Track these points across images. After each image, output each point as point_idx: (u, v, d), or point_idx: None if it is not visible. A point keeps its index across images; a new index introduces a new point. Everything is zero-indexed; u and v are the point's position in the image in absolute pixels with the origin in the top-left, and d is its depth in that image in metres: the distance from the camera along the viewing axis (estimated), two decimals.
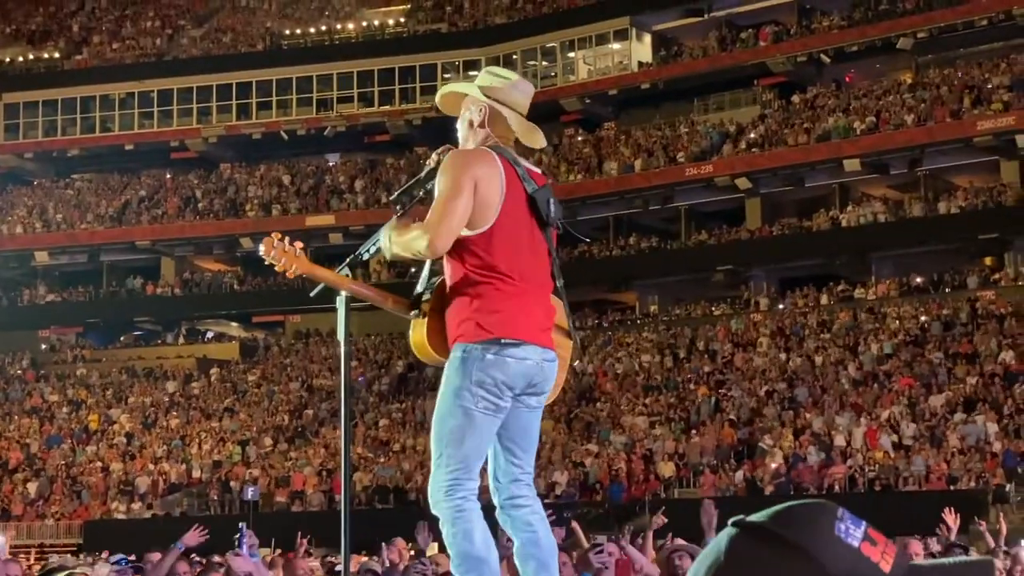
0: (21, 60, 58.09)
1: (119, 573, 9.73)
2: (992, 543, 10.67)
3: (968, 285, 39.12)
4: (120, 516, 38.23)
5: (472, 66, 50.95)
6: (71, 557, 22.68)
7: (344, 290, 4.67)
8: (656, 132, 47.65)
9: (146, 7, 61.17)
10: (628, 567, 8.08)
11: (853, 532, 1.44)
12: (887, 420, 31.35)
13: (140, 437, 43.23)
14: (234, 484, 37.92)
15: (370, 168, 52.32)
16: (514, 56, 49.96)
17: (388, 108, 51.98)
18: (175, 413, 44.63)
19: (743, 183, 43.69)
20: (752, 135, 44.50)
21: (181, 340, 52.78)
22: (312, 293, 4.78)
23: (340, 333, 4.68)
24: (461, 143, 4.80)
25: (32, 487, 40.71)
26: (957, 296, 38.37)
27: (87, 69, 56.50)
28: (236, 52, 55.65)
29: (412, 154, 51.38)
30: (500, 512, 4.68)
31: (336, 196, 51.08)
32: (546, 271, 4.66)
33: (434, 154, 4.71)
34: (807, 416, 32.86)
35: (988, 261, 41.23)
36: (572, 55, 50.54)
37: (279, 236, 4.54)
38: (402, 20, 55.35)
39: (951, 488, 27.80)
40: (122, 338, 53.46)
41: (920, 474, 28.93)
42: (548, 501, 29.19)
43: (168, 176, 55.36)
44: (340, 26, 55.78)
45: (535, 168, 4.74)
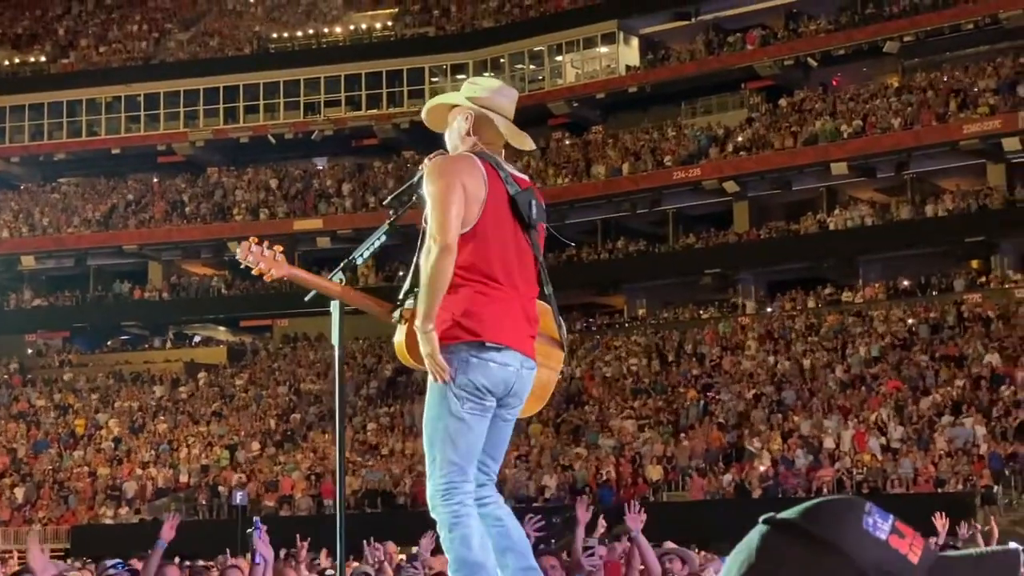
0: (7, 64, 57.96)
1: None
2: (983, 545, 10.70)
3: (955, 288, 39.23)
4: (108, 521, 38.14)
5: (460, 70, 50.98)
6: (60, 563, 22.57)
7: (323, 293, 4.66)
8: (644, 135, 47.71)
9: (133, 11, 61.09)
10: (618, 569, 8.09)
11: (881, 526, 1.48)
12: (875, 423, 31.42)
13: (128, 442, 43.14)
14: (222, 489, 37.89)
15: (358, 172, 52.30)
16: (501, 60, 50.00)
17: (376, 112, 51.95)
18: (163, 418, 44.55)
19: (731, 186, 43.76)
20: (739, 138, 44.58)
21: (168, 344, 52.71)
22: (307, 298, 4.78)
23: (335, 338, 4.68)
24: (451, 152, 4.80)
25: (19, 492, 40.61)
26: (944, 299, 38.47)
27: (74, 73, 56.40)
28: (223, 56, 55.60)
29: (400, 158, 51.41)
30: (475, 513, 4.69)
31: (324, 200, 51.06)
32: (532, 275, 4.65)
33: (427, 159, 4.71)
34: (795, 419, 32.93)
35: (975, 264, 41.35)
36: (560, 59, 50.58)
37: (256, 240, 4.53)
38: (389, 24, 55.35)
39: (939, 491, 27.86)
40: (109, 342, 53.37)
41: (908, 477, 28.98)
42: (537, 505, 29.27)
43: (155, 180, 55.30)
44: (327, 30, 55.77)
45: (520, 173, 4.74)
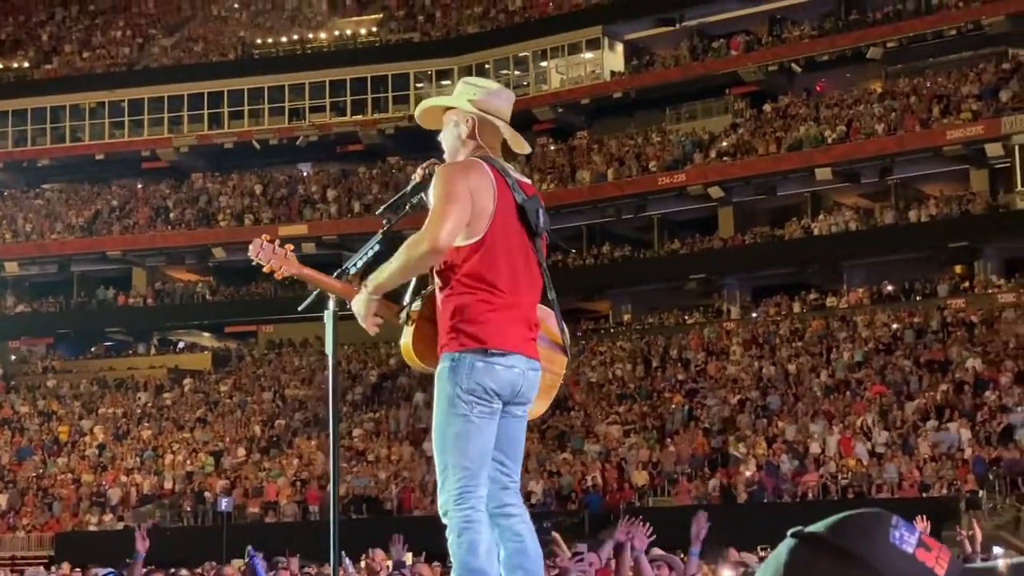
0: None
1: None
2: (969, 549, 10.74)
3: (939, 293, 39.34)
4: (92, 528, 38.02)
5: (445, 76, 50.96)
6: (43, 570, 22.52)
7: (332, 293, 4.65)
8: (629, 141, 47.76)
9: (116, 16, 60.96)
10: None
11: (908, 539, 1.49)
12: (860, 428, 31.48)
13: (112, 448, 43.01)
14: (208, 495, 37.80)
15: (343, 178, 52.24)
16: (486, 66, 49.99)
17: (361, 118, 51.92)
18: (147, 424, 44.43)
19: (715, 192, 43.83)
20: (724, 144, 44.66)
21: (153, 351, 52.57)
22: (300, 308, 4.76)
23: (328, 346, 4.67)
24: (450, 156, 4.78)
25: (3, 499, 40.44)
26: (928, 304, 38.56)
27: (57, 79, 56.26)
28: (208, 61, 55.53)
29: (385, 164, 51.39)
30: (488, 520, 4.69)
31: (309, 206, 50.98)
32: (537, 281, 4.67)
33: (419, 168, 4.71)
34: (780, 424, 32.98)
35: (958, 269, 41.48)
36: (544, 64, 50.62)
37: (268, 238, 4.53)
38: (374, 30, 55.33)
39: (923, 495, 27.94)
40: (93, 349, 53.20)
41: (893, 481, 29.05)
42: None
43: (139, 186, 55.16)
44: (312, 35, 55.73)
45: (524, 178, 4.76)
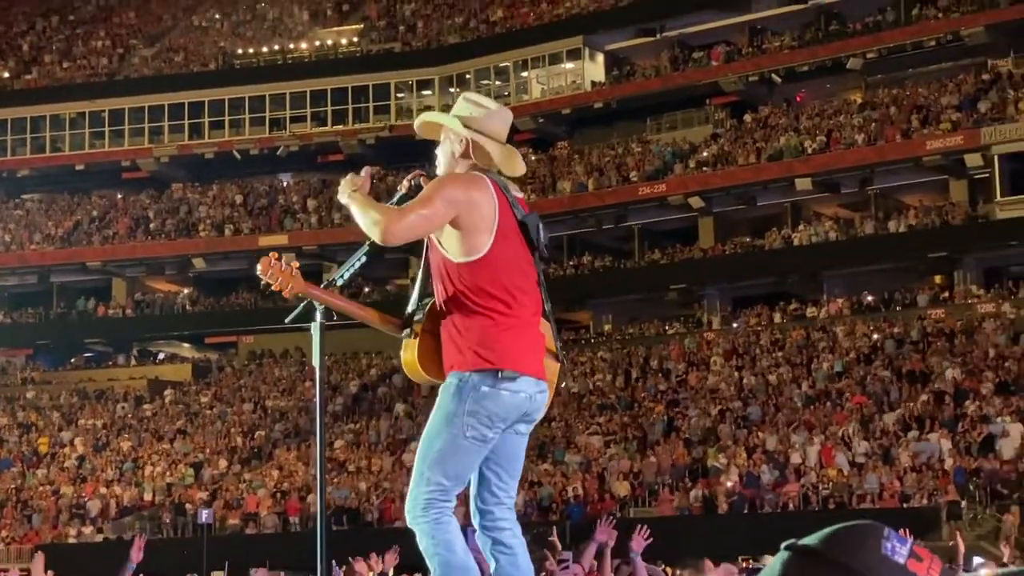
0: None
1: None
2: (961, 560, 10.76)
3: (918, 303, 39.48)
4: (72, 540, 37.85)
5: (426, 85, 51.01)
6: None
7: (336, 309, 4.64)
8: (609, 151, 47.85)
9: (97, 26, 60.86)
10: None
11: (899, 550, 1.50)
12: (840, 438, 31.53)
13: (91, 460, 42.83)
14: (188, 507, 37.66)
15: (323, 188, 52.16)
16: (467, 76, 50.04)
17: (341, 128, 51.92)
18: (127, 435, 44.26)
19: (696, 202, 43.93)
20: (704, 154, 44.78)
21: (133, 362, 52.41)
22: (287, 320, 4.75)
23: (315, 358, 4.66)
24: (444, 171, 4.79)
25: None
26: (908, 314, 38.65)
27: (37, 89, 56.15)
28: (188, 71, 55.46)
29: None
30: (480, 534, 4.69)
31: (289, 216, 50.93)
32: (537, 297, 4.68)
33: (405, 180, 4.72)
34: (760, 435, 33.02)
35: (938, 279, 41.63)
36: (525, 74, 50.70)
37: (276, 256, 4.52)
38: (355, 40, 55.34)
39: (904, 506, 28.00)
40: (73, 360, 53.04)
41: (873, 492, 29.11)
42: None
43: (119, 196, 55.02)
44: (293, 45, 55.71)
45: (519, 194, 4.78)
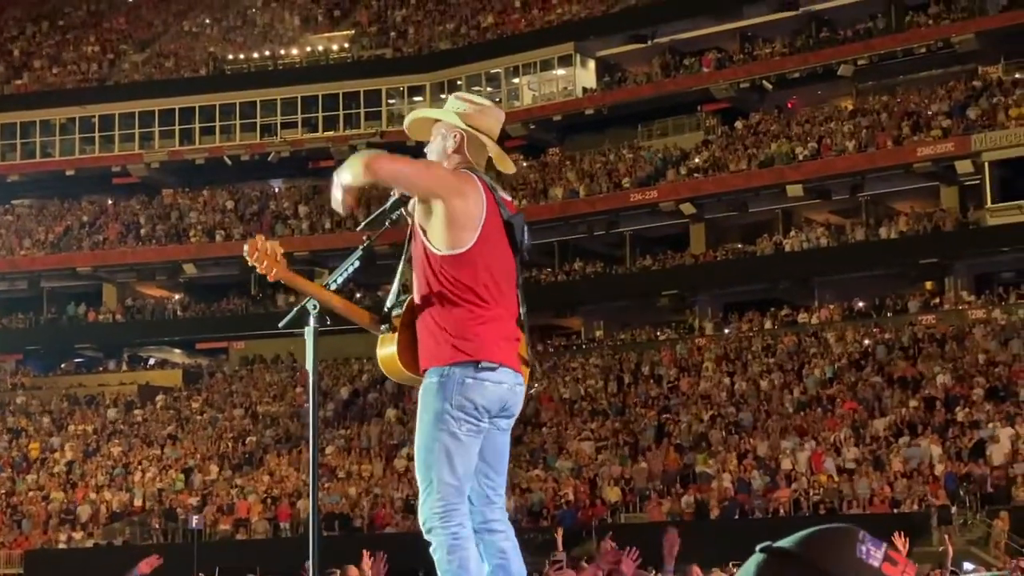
0: None
1: None
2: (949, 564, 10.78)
3: (909, 309, 39.54)
4: (62, 545, 37.78)
5: (417, 92, 51.00)
6: None
7: (317, 300, 4.63)
8: (600, 158, 47.90)
9: (87, 32, 60.80)
10: None
11: (874, 554, 1.51)
12: (831, 444, 31.57)
13: (82, 465, 42.74)
14: (178, 512, 37.59)
15: (314, 194, 52.14)
16: (458, 82, 50.03)
17: (332, 133, 51.89)
18: (117, 441, 44.18)
19: (687, 208, 43.97)
20: (696, 160, 44.83)
21: (123, 367, 52.30)
22: (281, 324, 4.75)
23: (309, 363, 4.65)
24: None
25: None
26: (899, 320, 38.74)
27: (27, 94, 56.05)
28: (179, 77, 55.41)
29: None
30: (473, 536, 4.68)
31: (280, 222, 50.89)
32: (514, 297, 4.68)
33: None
34: (751, 440, 33.04)
35: (929, 286, 41.67)
36: (516, 81, 50.74)
37: (263, 238, 4.53)
38: (346, 46, 55.32)
39: (895, 511, 28.03)
40: (63, 365, 52.92)
41: (864, 497, 29.14)
42: None
43: (110, 202, 54.97)
44: (284, 51, 55.67)
45: (507, 196, 4.79)
